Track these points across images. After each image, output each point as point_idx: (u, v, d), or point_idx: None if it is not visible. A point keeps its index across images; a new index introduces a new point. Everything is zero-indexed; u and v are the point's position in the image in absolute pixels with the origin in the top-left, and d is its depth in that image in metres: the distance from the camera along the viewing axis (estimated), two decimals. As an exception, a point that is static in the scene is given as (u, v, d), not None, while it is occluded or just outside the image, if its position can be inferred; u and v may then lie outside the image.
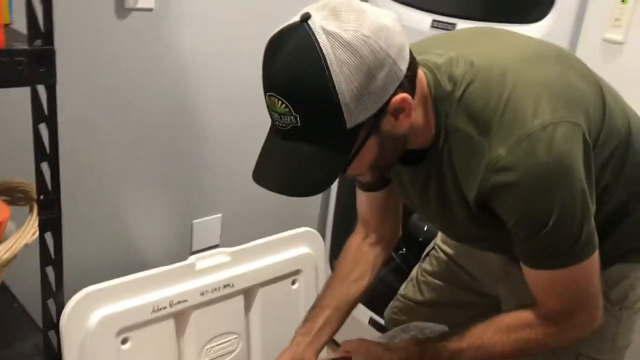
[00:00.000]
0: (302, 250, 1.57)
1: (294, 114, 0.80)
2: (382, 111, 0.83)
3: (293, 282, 1.56)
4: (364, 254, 1.26)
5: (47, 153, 1.00)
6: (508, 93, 0.88)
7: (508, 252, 1.02)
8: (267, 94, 0.82)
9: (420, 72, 0.91)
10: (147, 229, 1.65)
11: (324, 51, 0.77)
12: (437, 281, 1.36)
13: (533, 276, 0.97)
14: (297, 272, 1.56)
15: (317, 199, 2.14)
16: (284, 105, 0.80)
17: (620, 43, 1.44)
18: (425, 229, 2.06)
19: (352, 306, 1.25)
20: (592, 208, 0.91)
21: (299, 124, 0.81)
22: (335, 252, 2.01)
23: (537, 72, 0.92)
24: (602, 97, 0.97)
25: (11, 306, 1.25)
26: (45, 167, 1.01)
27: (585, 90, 0.94)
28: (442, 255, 1.41)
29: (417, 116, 0.91)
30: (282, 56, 0.80)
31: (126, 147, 1.55)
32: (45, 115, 0.97)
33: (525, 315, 1.01)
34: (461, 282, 1.33)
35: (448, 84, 0.92)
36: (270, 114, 0.85)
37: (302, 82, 0.79)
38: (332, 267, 1.82)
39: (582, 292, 0.96)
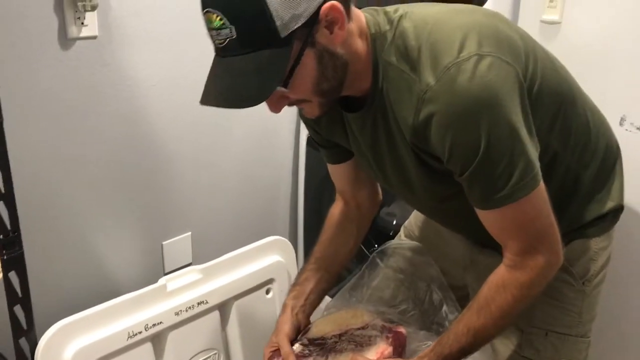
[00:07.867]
0: (273, 258, 1.58)
1: (228, 25, 0.84)
2: (315, 22, 0.87)
3: (267, 292, 1.57)
4: (347, 219, 1.29)
5: (1, 192, 0.99)
6: (438, 31, 0.92)
7: (472, 218, 1.00)
8: (204, 11, 0.86)
9: (359, 11, 0.97)
10: (117, 255, 1.64)
11: None
12: (401, 276, 1.37)
13: (486, 218, 0.98)
14: (270, 281, 1.57)
15: (285, 207, 2.14)
16: (218, 17, 0.84)
17: (556, 23, 1.49)
18: (394, 222, 2.08)
19: (340, 269, 1.29)
20: (534, 149, 0.93)
21: (234, 36, 0.84)
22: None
23: (467, 17, 0.95)
24: (535, 54, 0.98)
25: (-16, 350, 1.24)
26: (1, 206, 1.00)
27: (517, 41, 0.96)
28: (407, 251, 1.43)
29: (356, 45, 0.95)
30: None
31: (87, 176, 1.54)
32: (-5, 154, 0.97)
33: (495, 279, 1.01)
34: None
35: (386, 24, 0.97)
36: (210, 35, 0.88)
37: None
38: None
39: (535, 223, 0.97)
